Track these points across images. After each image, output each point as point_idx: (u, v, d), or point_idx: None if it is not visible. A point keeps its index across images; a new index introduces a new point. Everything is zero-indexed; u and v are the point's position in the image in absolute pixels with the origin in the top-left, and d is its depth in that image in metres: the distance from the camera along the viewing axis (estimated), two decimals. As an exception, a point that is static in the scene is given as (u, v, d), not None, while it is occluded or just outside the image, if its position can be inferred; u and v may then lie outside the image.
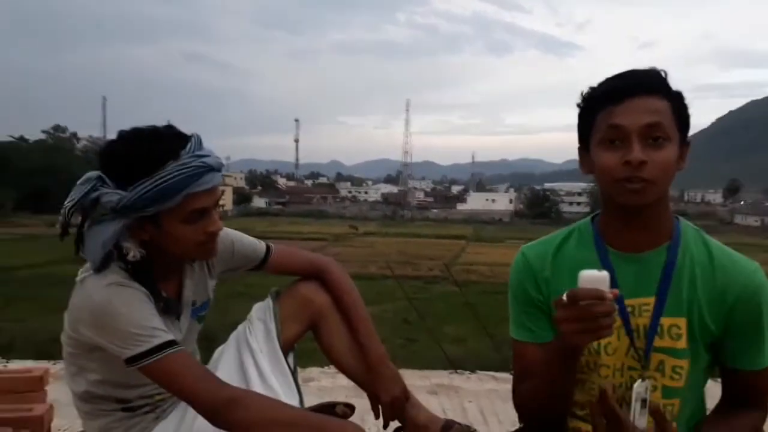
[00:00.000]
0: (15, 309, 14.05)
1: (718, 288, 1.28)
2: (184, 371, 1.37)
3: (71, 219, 1.41)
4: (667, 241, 1.31)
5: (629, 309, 1.30)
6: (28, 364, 3.69)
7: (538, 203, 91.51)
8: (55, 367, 3.34)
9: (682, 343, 1.29)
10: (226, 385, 1.41)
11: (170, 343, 1.37)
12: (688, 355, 1.29)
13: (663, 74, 1.26)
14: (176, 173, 1.35)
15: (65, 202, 1.40)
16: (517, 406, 1.43)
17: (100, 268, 1.40)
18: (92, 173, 1.40)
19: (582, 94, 1.30)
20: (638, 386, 1.22)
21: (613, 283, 1.12)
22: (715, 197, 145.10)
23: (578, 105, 1.31)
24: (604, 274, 1.10)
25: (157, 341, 1.36)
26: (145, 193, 1.34)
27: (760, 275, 1.29)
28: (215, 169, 1.42)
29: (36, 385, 2.50)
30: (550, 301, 1.35)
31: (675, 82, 1.26)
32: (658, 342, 1.29)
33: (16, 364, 3.69)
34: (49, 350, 4.40)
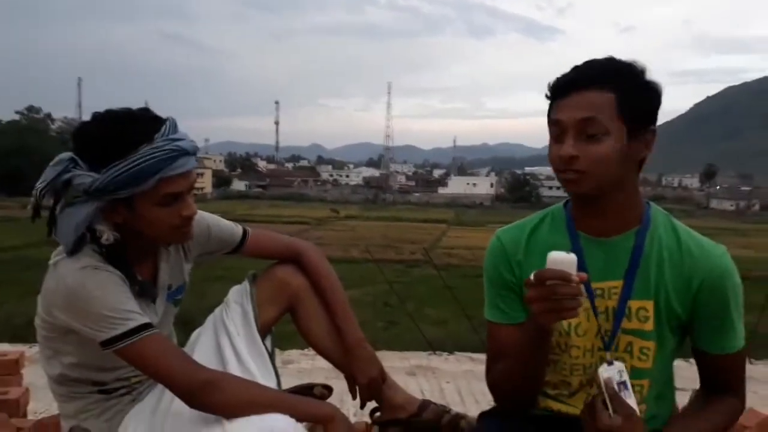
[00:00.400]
0: (-7, 292, 13.82)
1: (685, 272, 1.31)
2: (159, 354, 1.37)
3: (43, 201, 1.39)
4: (636, 226, 1.33)
5: (599, 292, 1.33)
6: (4, 347, 3.65)
7: (518, 187, 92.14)
8: (31, 351, 3.32)
9: (650, 326, 1.32)
10: (203, 367, 1.42)
11: (145, 326, 1.37)
12: (654, 337, 1.32)
13: (617, 65, 1.25)
14: (150, 156, 1.34)
15: (37, 184, 1.38)
16: (491, 386, 1.46)
17: (73, 251, 1.39)
18: (65, 155, 1.38)
19: (548, 85, 1.31)
20: (603, 370, 1.25)
21: (583, 267, 1.14)
22: (692, 182, 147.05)
23: (546, 96, 1.32)
24: (572, 257, 1.12)
25: (132, 324, 1.36)
26: (119, 175, 1.33)
27: (726, 259, 1.31)
28: (189, 152, 1.41)
29: (12, 369, 2.48)
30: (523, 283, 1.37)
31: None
32: (626, 324, 1.32)
33: (-9, 348, 3.65)
34: (26, 334, 4.35)
